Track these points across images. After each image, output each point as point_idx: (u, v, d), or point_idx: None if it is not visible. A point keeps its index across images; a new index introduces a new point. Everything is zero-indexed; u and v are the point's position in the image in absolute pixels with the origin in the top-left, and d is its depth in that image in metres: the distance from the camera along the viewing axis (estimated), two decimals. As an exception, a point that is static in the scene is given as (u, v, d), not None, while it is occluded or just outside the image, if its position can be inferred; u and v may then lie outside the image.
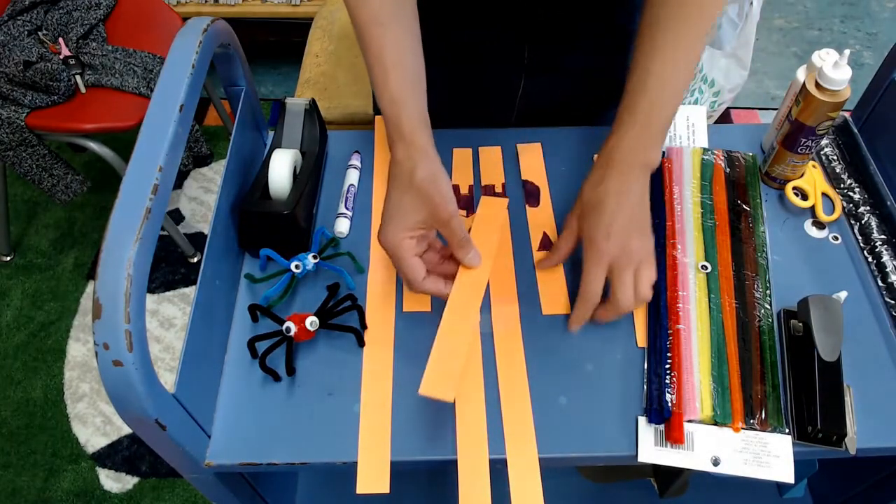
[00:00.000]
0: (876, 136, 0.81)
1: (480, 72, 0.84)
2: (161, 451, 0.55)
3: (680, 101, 0.65)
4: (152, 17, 1.65)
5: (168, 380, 1.51)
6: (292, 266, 0.69)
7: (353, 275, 0.71)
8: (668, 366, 0.64)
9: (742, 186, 0.78)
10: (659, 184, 0.78)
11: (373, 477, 0.59)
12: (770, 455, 0.60)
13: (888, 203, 0.75)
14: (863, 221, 0.75)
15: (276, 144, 0.76)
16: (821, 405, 0.60)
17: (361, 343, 0.66)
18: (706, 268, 0.71)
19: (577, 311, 0.64)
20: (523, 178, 0.80)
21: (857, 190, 0.78)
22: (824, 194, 0.78)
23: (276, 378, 0.64)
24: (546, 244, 0.74)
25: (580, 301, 0.63)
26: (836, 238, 0.75)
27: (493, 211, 0.72)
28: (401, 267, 0.61)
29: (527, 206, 0.77)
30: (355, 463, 0.59)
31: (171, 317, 1.66)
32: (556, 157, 0.82)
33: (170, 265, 1.74)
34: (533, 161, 0.81)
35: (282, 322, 0.65)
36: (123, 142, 1.90)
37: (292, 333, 0.64)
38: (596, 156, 0.67)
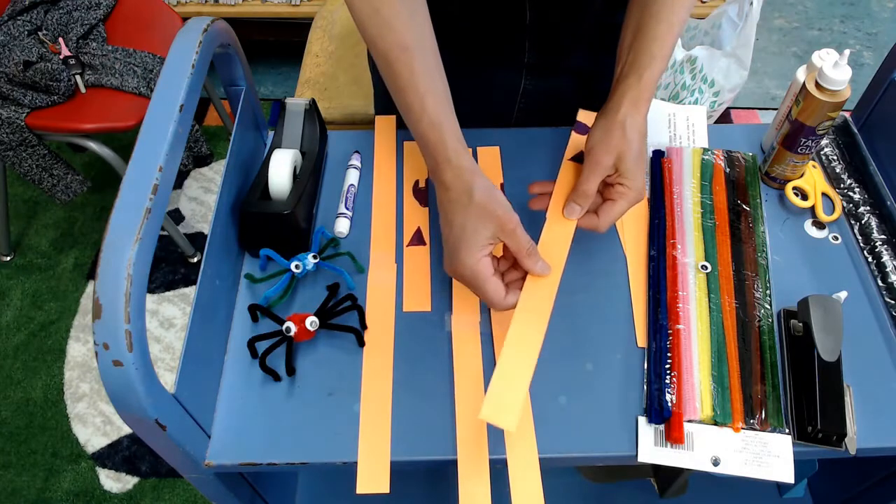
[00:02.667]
0: (876, 136, 0.81)
1: (481, 71, 0.84)
2: (161, 451, 0.55)
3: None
4: (152, 17, 1.65)
5: (168, 380, 1.51)
6: (292, 266, 0.69)
7: (353, 275, 0.71)
8: (668, 366, 0.64)
9: (742, 186, 0.78)
10: (659, 184, 0.78)
11: (373, 477, 0.59)
12: (770, 455, 0.60)
13: (888, 203, 0.75)
14: (863, 221, 0.75)
15: (276, 144, 0.76)
16: (821, 405, 0.60)
17: (361, 343, 0.66)
18: (706, 268, 0.71)
19: (582, 220, 0.66)
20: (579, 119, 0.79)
21: (857, 190, 0.78)
22: (824, 194, 0.78)
23: (276, 378, 0.64)
24: (580, 158, 0.72)
25: (595, 220, 0.65)
26: (836, 238, 0.75)
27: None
28: (483, 289, 0.60)
29: (573, 133, 0.77)
30: (355, 463, 0.59)
31: (171, 317, 1.66)
32: (556, 156, 0.81)
33: (170, 265, 1.74)
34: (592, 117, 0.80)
35: (282, 322, 0.65)
36: (123, 142, 1.91)
37: (292, 333, 0.64)
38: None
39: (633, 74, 0.64)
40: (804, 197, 0.77)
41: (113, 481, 1.42)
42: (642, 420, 0.61)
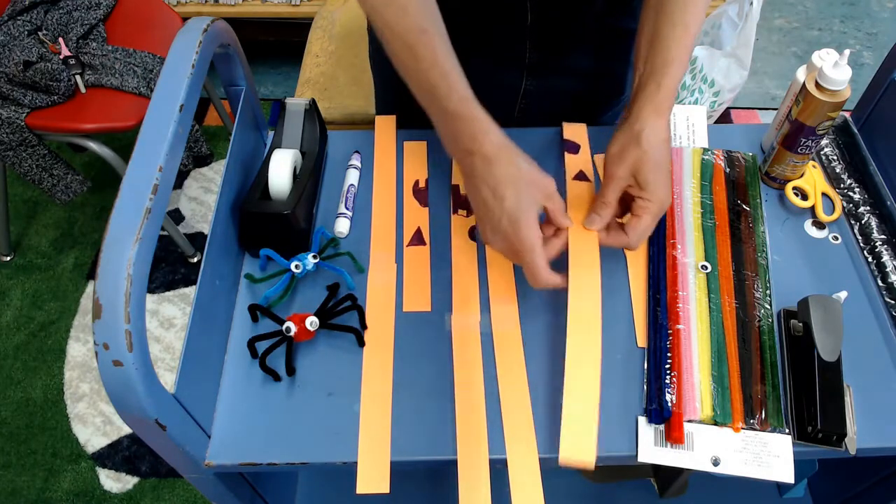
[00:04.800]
0: (876, 136, 0.81)
1: (482, 71, 0.84)
2: (161, 451, 0.55)
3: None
4: (152, 17, 1.65)
5: (168, 380, 1.51)
6: (292, 266, 0.69)
7: (353, 275, 0.71)
8: (668, 366, 0.64)
9: (742, 186, 0.78)
10: (659, 184, 0.78)
11: (373, 477, 0.59)
12: (770, 455, 0.60)
13: (888, 203, 0.75)
14: (863, 221, 0.75)
15: (276, 144, 0.76)
16: (821, 405, 0.60)
17: (361, 343, 0.66)
18: (706, 268, 0.71)
19: (611, 237, 0.67)
20: (565, 137, 0.82)
21: (857, 190, 0.78)
22: (824, 194, 0.78)
23: (276, 378, 0.64)
24: (581, 177, 0.75)
25: (623, 238, 0.66)
26: (836, 238, 0.75)
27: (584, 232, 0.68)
28: (533, 262, 0.61)
29: (566, 154, 0.80)
30: (355, 463, 0.59)
31: (171, 317, 1.66)
32: (556, 156, 0.82)
33: (170, 265, 1.74)
34: (577, 131, 0.83)
35: (282, 322, 0.65)
36: (123, 142, 1.91)
37: (292, 333, 0.64)
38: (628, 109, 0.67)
39: (652, 82, 0.64)
40: (804, 197, 0.77)
41: (113, 481, 1.42)
42: (642, 420, 0.61)
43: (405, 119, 0.89)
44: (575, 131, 0.83)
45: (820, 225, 0.76)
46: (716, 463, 0.59)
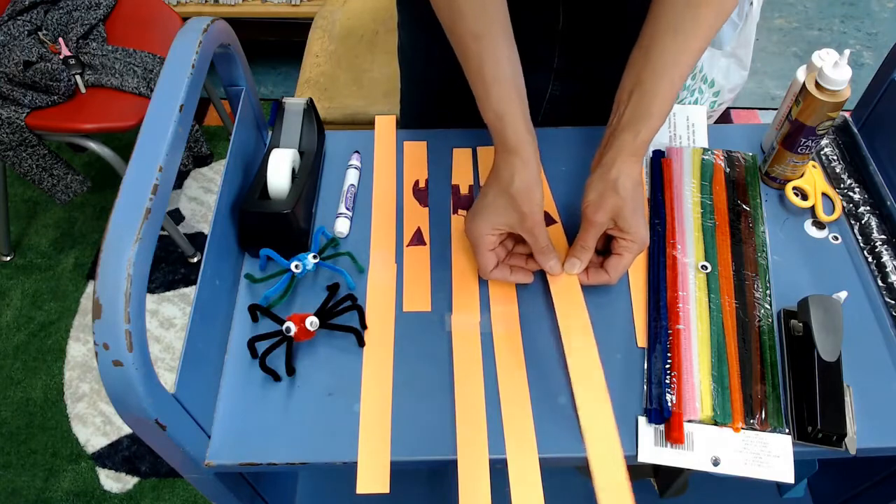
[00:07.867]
0: (876, 136, 0.81)
1: None
2: (161, 451, 0.55)
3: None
4: (152, 17, 1.65)
5: (168, 380, 1.51)
6: (292, 266, 0.69)
7: (353, 275, 0.71)
8: (668, 366, 0.64)
9: (742, 186, 0.78)
10: (659, 184, 0.78)
11: (373, 477, 0.59)
12: (770, 455, 0.60)
13: (888, 203, 0.75)
14: (863, 221, 0.75)
15: (274, 144, 0.76)
16: (821, 405, 0.60)
17: (361, 343, 0.66)
18: (706, 268, 0.71)
19: (591, 277, 0.68)
20: None
21: (857, 190, 0.78)
22: (824, 194, 0.78)
23: (276, 378, 0.64)
24: (547, 220, 0.74)
25: (604, 276, 0.68)
26: (836, 238, 0.75)
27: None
28: (477, 256, 0.68)
29: None
30: (355, 463, 0.59)
31: (171, 317, 1.66)
32: (555, 156, 0.81)
33: (170, 265, 1.74)
34: None
35: (282, 322, 0.65)
36: (123, 142, 1.91)
37: (292, 333, 0.64)
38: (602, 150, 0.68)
39: (630, 131, 0.64)
40: (804, 197, 0.77)
41: (113, 481, 1.42)
42: (642, 420, 0.61)
43: (427, 115, 0.88)
44: None
45: (820, 225, 0.76)
46: (716, 463, 0.59)
